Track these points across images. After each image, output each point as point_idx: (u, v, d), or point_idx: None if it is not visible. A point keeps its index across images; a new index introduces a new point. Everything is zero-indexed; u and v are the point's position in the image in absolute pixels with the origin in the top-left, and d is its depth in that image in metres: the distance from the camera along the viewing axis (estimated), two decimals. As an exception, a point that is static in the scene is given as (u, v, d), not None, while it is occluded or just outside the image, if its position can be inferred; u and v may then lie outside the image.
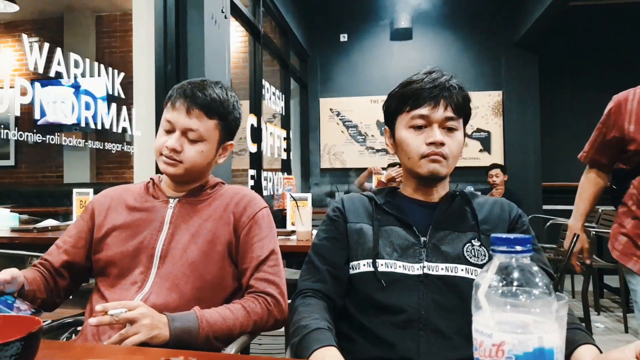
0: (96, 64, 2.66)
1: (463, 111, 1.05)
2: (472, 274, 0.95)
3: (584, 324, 0.88)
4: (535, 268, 0.54)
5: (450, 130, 1.03)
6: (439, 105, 1.01)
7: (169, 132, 1.15)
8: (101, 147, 2.77)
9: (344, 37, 6.17)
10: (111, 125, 2.74)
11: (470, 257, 0.97)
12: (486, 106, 5.86)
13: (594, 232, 3.33)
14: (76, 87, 2.58)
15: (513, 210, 1.06)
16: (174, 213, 1.16)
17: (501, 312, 0.53)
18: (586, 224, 3.81)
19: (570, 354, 0.79)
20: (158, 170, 1.33)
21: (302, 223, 2.26)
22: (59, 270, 1.16)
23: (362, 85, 6.05)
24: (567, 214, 5.01)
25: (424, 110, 1.01)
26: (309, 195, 2.48)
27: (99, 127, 2.68)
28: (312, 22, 6.16)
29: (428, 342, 0.91)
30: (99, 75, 2.67)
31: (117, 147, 2.86)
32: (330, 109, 6.19)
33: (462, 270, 0.96)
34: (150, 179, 1.26)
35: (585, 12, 5.57)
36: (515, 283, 0.53)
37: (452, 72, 1.06)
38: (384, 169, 3.83)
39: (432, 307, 0.93)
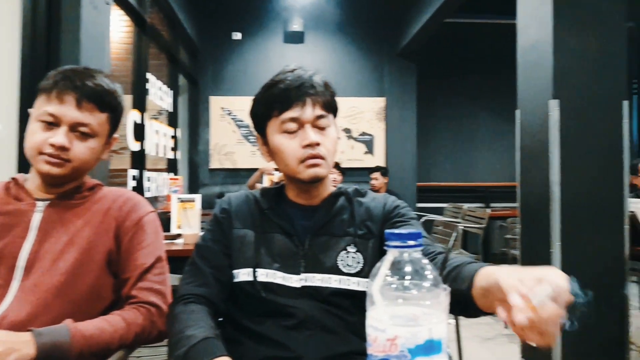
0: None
1: (331, 107, 1.03)
2: (346, 284, 0.95)
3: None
4: (425, 261, 0.56)
5: (323, 128, 1.01)
6: (307, 104, 0.98)
7: (51, 126, 1.01)
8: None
9: (236, 35, 6.07)
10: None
11: (344, 267, 0.97)
12: (371, 111, 6.16)
13: (461, 227, 3.67)
14: None
15: (388, 202, 1.06)
16: (43, 218, 1.03)
17: (394, 306, 0.54)
18: (452, 220, 4.19)
19: (472, 280, 0.76)
20: (22, 170, 1.17)
21: (190, 225, 2.17)
22: None
23: (255, 85, 5.82)
24: (438, 211, 5.50)
25: (293, 113, 0.98)
26: (197, 197, 2.39)
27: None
28: (204, 17, 5.96)
29: (317, 339, 0.92)
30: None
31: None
32: (222, 108, 6.04)
33: (335, 281, 0.96)
34: (12, 178, 1.09)
35: (458, 28, 6.14)
36: (407, 277, 0.54)
37: (341, 77, 1.06)
38: (276, 169, 3.81)
39: (317, 310, 0.94)
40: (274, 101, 1.01)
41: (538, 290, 0.57)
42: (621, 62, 2.40)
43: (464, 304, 0.76)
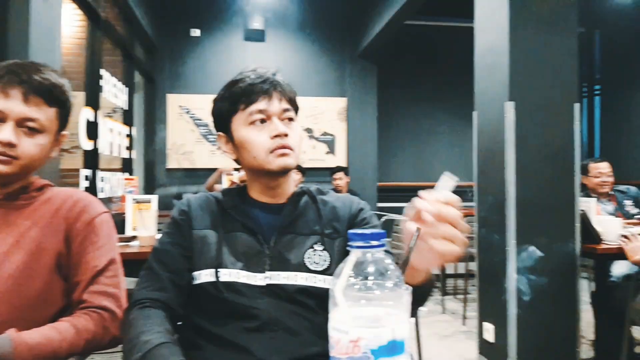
0: None
1: (294, 103, 1.05)
2: (312, 281, 0.95)
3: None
4: (389, 261, 0.55)
5: (289, 121, 1.02)
6: (274, 97, 1.00)
7: None
8: None
9: (195, 32, 5.94)
10: None
11: (311, 264, 0.96)
12: (332, 111, 6.18)
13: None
14: None
15: (353, 204, 1.07)
16: None
17: (357, 307, 0.52)
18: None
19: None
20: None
21: (146, 227, 2.10)
22: None
23: (214, 83, 5.87)
24: (398, 210, 5.62)
25: (260, 105, 0.99)
26: (153, 197, 2.31)
27: None
28: (161, 13, 5.80)
29: (280, 341, 0.90)
30: None
31: None
32: (180, 106, 5.90)
33: (302, 278, 0.95)
34: None
35: (418, 30, 6.26)
36: (371, 277, 0.53)
37: (302, 77, 1.06)
38: (236, 169, 3.75)
39: (281, 311, 0.92)
40: (239, 96, 1.00)
41: (436, 194, 0.67)
42: (573, 66, 2.49)
43: None
